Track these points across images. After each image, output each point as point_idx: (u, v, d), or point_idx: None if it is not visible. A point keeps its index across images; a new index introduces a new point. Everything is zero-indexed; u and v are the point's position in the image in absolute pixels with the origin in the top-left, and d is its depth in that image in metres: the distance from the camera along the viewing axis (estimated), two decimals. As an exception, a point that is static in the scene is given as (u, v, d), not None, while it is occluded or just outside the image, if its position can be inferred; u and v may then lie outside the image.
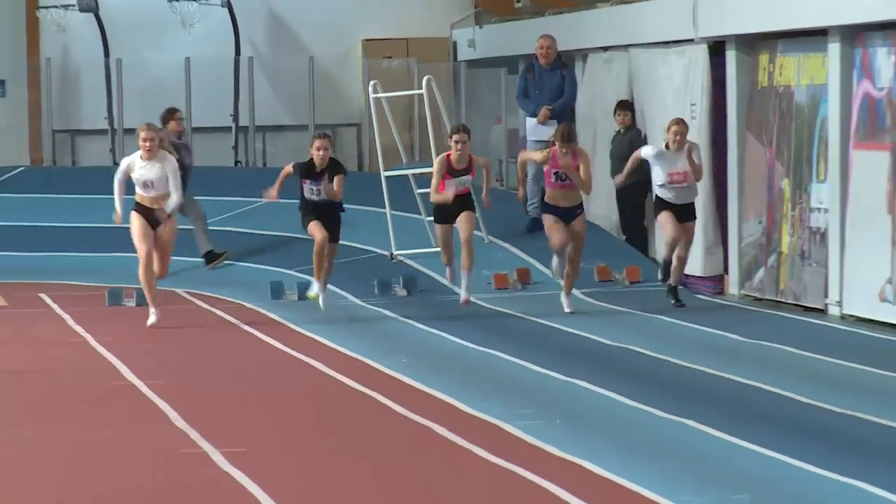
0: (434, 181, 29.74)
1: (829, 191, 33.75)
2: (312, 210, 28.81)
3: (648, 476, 18.97)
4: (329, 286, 36.85)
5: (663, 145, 30.81)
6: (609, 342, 30.36)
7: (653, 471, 19.60)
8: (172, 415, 24.06)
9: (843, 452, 20.84)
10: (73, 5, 46.67)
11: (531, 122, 41.58)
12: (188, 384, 27.38)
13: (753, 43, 36.71)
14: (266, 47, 48.40)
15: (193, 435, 22.26)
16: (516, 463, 19.81)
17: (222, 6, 46.74)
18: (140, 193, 26.20)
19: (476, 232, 33.85)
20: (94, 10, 46.09)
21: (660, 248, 36.19)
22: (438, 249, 37.50)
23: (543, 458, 20.30)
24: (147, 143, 25.62)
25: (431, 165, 39.52)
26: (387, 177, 39.97)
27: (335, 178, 28.74)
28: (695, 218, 32.33)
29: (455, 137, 30.16)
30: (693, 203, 31.48)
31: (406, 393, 25.14)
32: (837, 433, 22.11)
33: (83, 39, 47.67)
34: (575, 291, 36.10)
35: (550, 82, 41.00)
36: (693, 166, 30.94)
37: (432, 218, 32.49)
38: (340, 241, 32.41)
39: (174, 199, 26.58)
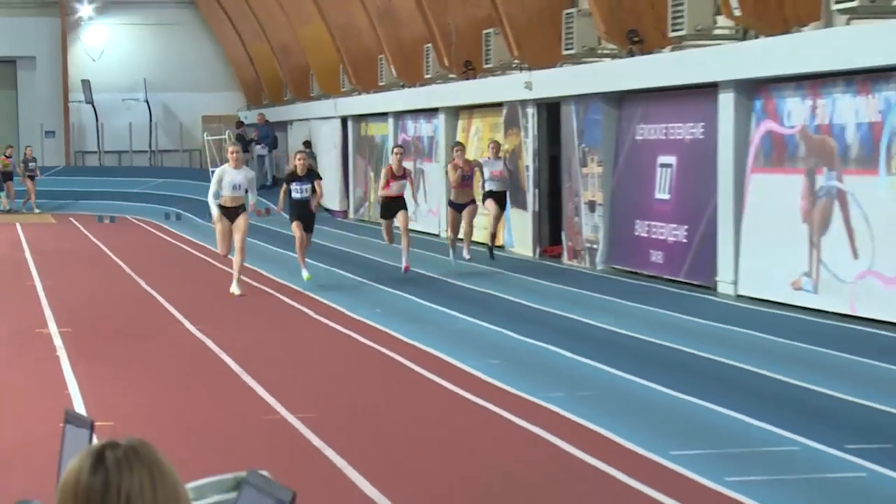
0: (381, 182, 21.51)
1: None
2: (297, 211, 20.28)
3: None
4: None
5: (487, 157, 22.92)
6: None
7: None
8: (126, 269, 22.92)
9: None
10: (82, 100, 44.64)
11: (257, 147, 41.57)
12: (140, 259, 25.27)
13: (358, 118, 36.03)
14: (162, 119, 45.26)
15: (143, 284, 20.74)
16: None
17: (144, 101, 45.06)
18: (224, 196, 18.75)
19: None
20: (92, 102, 44.65)
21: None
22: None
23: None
24: (234, 155, 18.80)
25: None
26: (210, 171, 40.25)
27: (317, 182, 20.23)
28: (506, 205, 23.36)
29: (395, 150, 21.64)
30: (506, 192, 23.09)
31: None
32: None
33: (87, 114, 45.24)
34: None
35: (265, 131, 41.46)
36: (507, 168, 22.89)
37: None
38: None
39: (252, 196, 19.05)
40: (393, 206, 21.59)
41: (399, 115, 32.89)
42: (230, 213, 19.02)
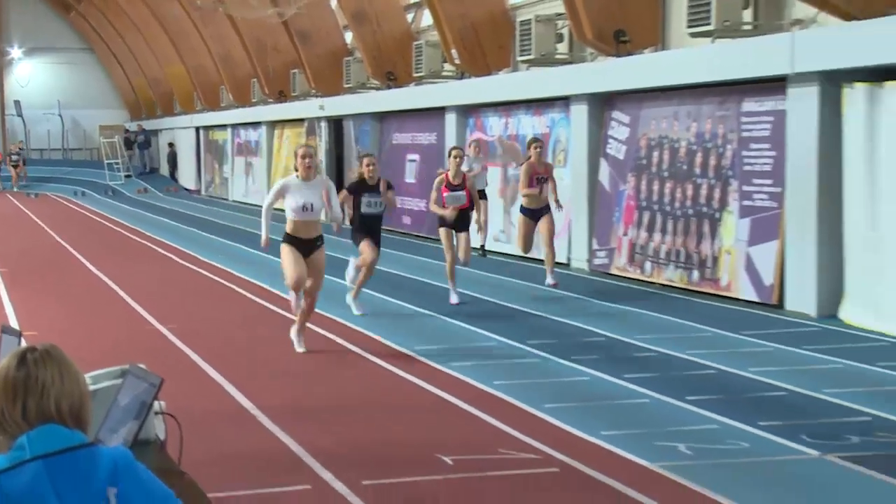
0: (433, 195, 11.89)
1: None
2: (366, 227, 11.08)
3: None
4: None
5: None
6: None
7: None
8: (46, 228, 22.00)
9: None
10: (14, 114, 42.31)
11: (138, 139, 39.37)
12: (56, 222, 23.92)
13: (207, 128, 34.24)
14: (71, 127, 41.49)
15: (58, 238, 19.49)
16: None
17: (58, 115, 42.74)
18: (294, 220, 8.68)
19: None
20: (21, 116, 41.73)
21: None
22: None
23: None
24: (306, 161, 8.54)
25: (119, 162, 37.84)
26: (107, 164, 38.66)
27: (390, 190, 10.84)
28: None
29: (453, 153, 11.63)
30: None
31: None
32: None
33: (18, 124, 41.69)
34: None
35: (144, 135, 39.27)
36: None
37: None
38: None
39: (337, 213, 9.16)
40: (455, 220, 11.84)
41: (235, 126, 31.83)
42: (304, 246, 9.03)
